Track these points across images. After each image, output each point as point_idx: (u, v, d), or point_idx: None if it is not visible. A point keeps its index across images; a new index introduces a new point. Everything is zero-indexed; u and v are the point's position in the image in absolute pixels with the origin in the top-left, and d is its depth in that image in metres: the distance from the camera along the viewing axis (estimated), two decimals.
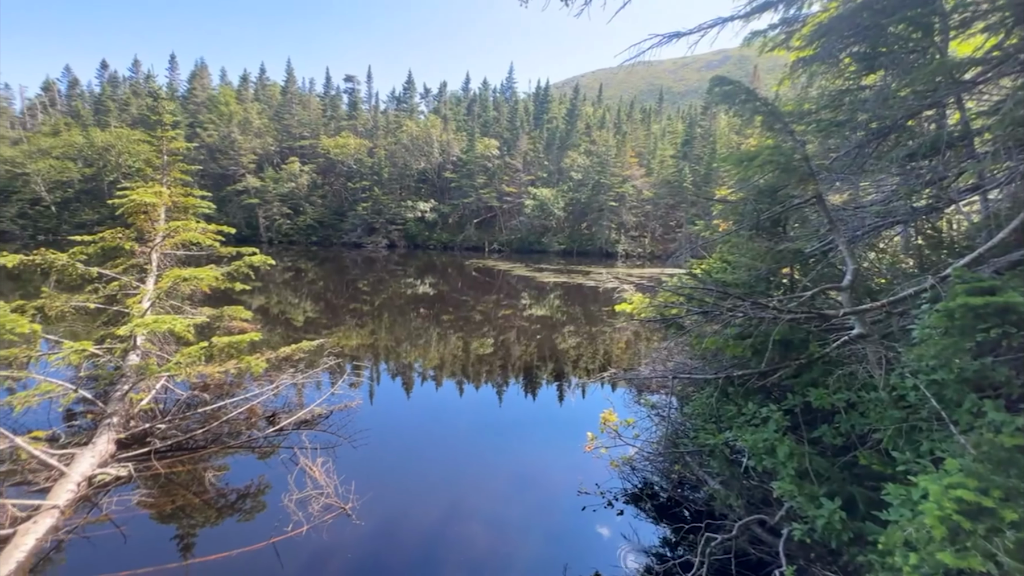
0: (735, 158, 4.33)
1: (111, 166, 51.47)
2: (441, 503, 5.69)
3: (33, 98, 73.48)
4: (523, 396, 9.76)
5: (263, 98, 67.67)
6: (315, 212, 55.67)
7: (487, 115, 67.55)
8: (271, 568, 4.39)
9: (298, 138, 60.80)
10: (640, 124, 64.34)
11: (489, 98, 74.89)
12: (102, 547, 4.72)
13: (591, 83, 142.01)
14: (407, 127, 59.82)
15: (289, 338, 12.95)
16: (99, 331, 8.11)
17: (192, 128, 56.36)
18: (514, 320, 17.39)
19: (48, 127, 60.24)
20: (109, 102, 64.92)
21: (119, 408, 6.44)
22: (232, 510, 5.46)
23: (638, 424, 6.31)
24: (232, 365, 6.97)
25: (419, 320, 17.40)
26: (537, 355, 12.82)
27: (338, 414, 7.83)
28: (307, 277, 29.24)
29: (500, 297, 23.30)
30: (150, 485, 5.69)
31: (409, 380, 10.62)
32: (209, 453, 6.48)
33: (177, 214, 9.82)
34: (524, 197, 53.69)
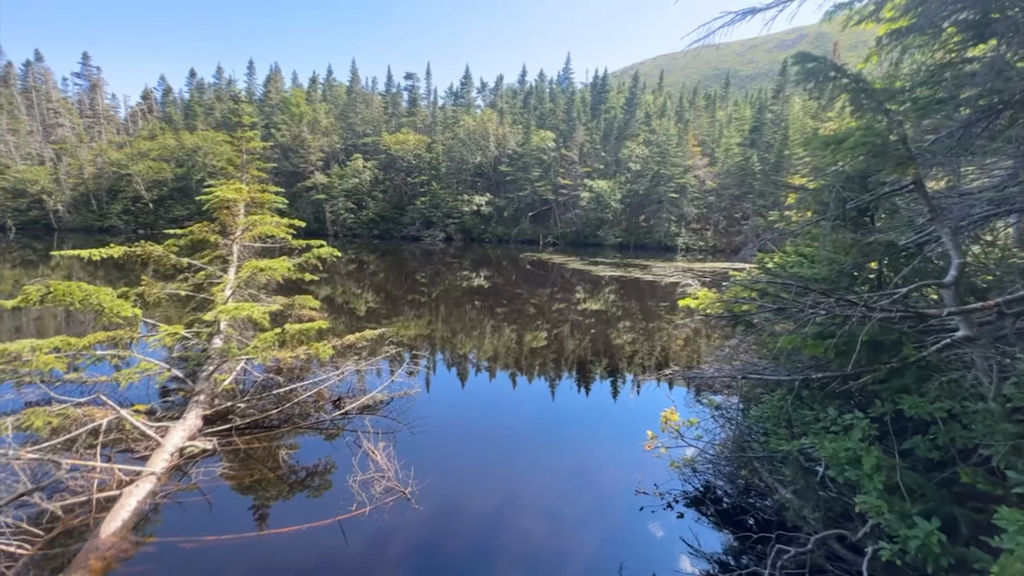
0: (819, 141, 3.96)
1: (198, 166, 56.30)
2: (497, 493, 5.75)
3: (134, 106, 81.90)
4: (576, 391, 9.64)
5: (330, 98, 71.16)
6: (377, 206, 57.96)
7: (543, 107, 67.08)
8: (337, 544, 4.62)
9: (361, 135, 63.41)
10: (704, 111, 61.26)
11: (545, 90, 74.26)
12: (191, 512, 5.17)
13: (651, 70, 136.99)
14: (464, 122, 60.65)
15: (352, 327, 13.57)
16: (188, 316, 8.89)
17: (267, 129, 60.34)
18: (568, 314, 17.22)
19: (146, 132, 66.80)
20: (196, 107, 70.99)
21: (205, 387, 7.04)
22: (302, 486, 5.80)
23: (701, 425, 6.02)
24: (302, 351, 7.40)
25: (474, 312, 17.66)
26: (591, 350, 12.62)
27: (398, 401, 8.11)
28: (369, 269, 30.54)
29: (554, 290, 23.15)
30: (231, 459, 6.17)
31: (464, 370, 10.80)
32: (282, 432, 6.93)
33: (255, 209, 10.53)
34: (580, 189, 52.90)
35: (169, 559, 4.39)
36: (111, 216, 55.97)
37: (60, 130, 66.51)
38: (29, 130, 62.61)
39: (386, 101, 71.12)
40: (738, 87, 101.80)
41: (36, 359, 5.79)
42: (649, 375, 10.44)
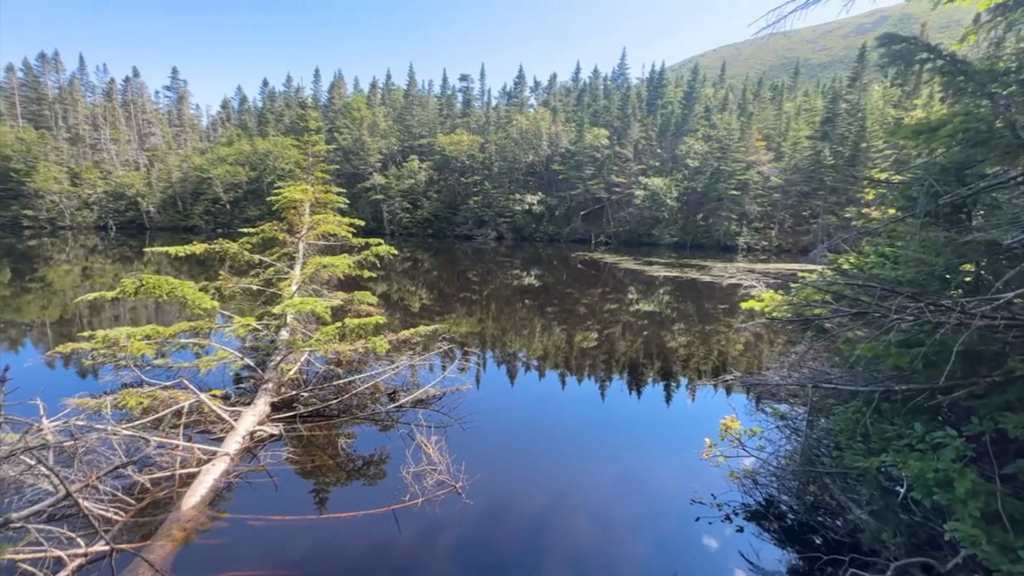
0: (908, 131, 3.60)
1: (269, 169, 60.22)
2: (546, 493, 5.71)
3: (215, 115, 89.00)
4: (627, 394, 9.40)
5: (388, 102, 73.80)
6: (431, 206, 59.47)
7: (597, 104, 66.03)
8: (391, 533, 4.77)
9: (417, 137, 65.27)
10: (769, 103, 57.84)
11: (599, 87, 73.09)
12: (259, 492, 5.53)
13: (712, 62, 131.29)
14: (517, 121, 60.89)
15: (406, 323, 13.99)
16: (259, 309, 9.53)
17: (330, 133, 63.51)
18: (620, 315, 16.85)
19: (224, 138, 72.33)
20: (268, 114, 75.98)
21: (273, 376, 7.51)
22: (358, 475, 6.04)
23: (763, 434, 5.67)
24: (360, 344, 7.71)
25: (524, 311, 17.69)
26: (643, 352, 12.27)
27: (450, 396, 8.27)
28: (423, 267, 31.38)
29: (606, 291, 22.74)
30: (295, 444, 6.54)
31: (513, 369, 10.83)
32: (341, 421, 7.26)
33: (319, 209, 11.10)
34: (634, 187, 51.61)
35: (240, 534, 4.71)
36: (194, 216, 61.15)
37: (152, 139, 73.47)
38: (127, 139, 69.64)
39: (441, 103, 72.78)
40: (809, 76, 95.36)
41: (131, 345, 6.42)
42: (706, 380, 10.00)
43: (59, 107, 69.06)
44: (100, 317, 15.32)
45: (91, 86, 76.72)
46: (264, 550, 4.53)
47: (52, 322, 14.81)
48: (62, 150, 63.58)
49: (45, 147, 61.91)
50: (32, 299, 18.45)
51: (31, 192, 59.05)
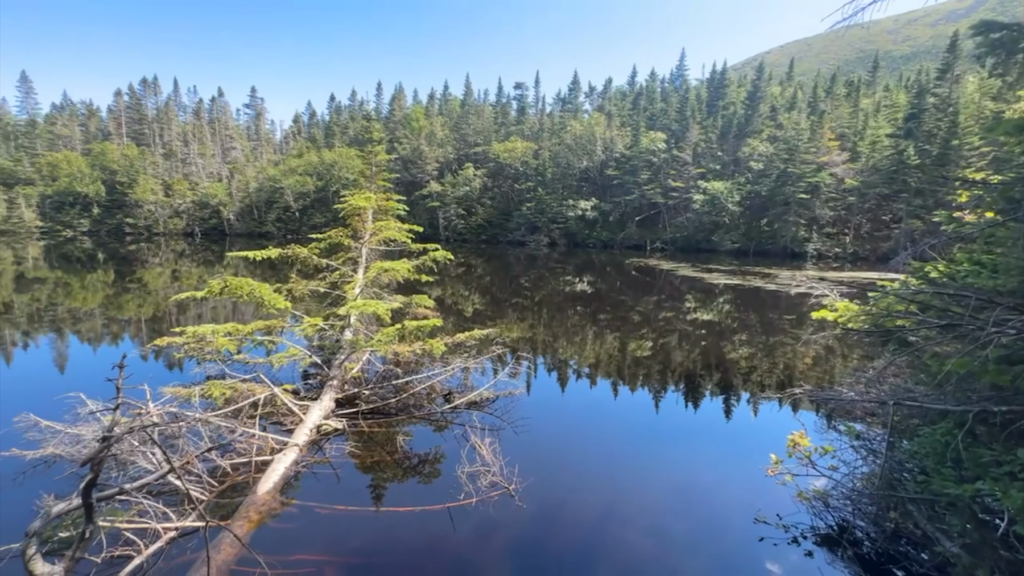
0: (1010, 126, 3.27)
1: (334, 178, 63.80)
2: (599, 501, 5.64)
3: (287, 129, 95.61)
4: (684, 405, 9.07)
5: (445, 111, 76.04)
6: (485, 212, 60.50)
7: (654, 107, 64.59)
8: (445, 530, 4.90)
9: (473, 145, 66.71)
10: (844, 100, 53.97)
11: (656, 89, 71.48)
12: (323, 482, 5.85)
13: (778, 59, 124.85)
14: (571, 127, 60.76)
15: (459, 326, 14.29)
16: (325, 310, 10.11)
17: (391, 143, 66.29)
18: (676, 323, 16.30)
19: (295, 151, 77.46)
20: (334, 127, 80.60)
21: (337, 373, 7.94)
22: (414, 472, 6.24)
23: (837, 454, 5.29)
24: (418, 346, 7.99)
25: (576, 317, 17.54)
26: (701, 363, 11.80)
27: (503, 399, 8.37)
28: (476, 272, 31.93)
29: (661, 298, 22.08)
30: (356, 439, 6.87)
31: (564, 375, 10.77)
32: (399, 420, 7.55)
33: (380, 216, 11.63)
34: (693, 192, 49.89)
35: (307, 520, 5.02)
36: (267, 223, 65.89)
37: (233, 152, 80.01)
38: (212, 153, 76.32)
39: (496, 111, 74.01)
40: (889, 70, 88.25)
41: (216, 340, 7.04)
42: (770, 394, 9.46)
43: (156, 126, 76.90)
44: (186, 315, 16.84)
45: (183, 106, 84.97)
46: (328, 537, 4.80)
47: (146, 319, 16.46)
48: (158, 164, 70.74)
49: (144, 162, 69.18)
50: (131, 298, 20.62)
51: (132, 202, 66.10)
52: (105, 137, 76.50)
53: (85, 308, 17.91)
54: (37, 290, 22.35)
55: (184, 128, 77.15)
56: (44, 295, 20.87)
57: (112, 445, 2.90)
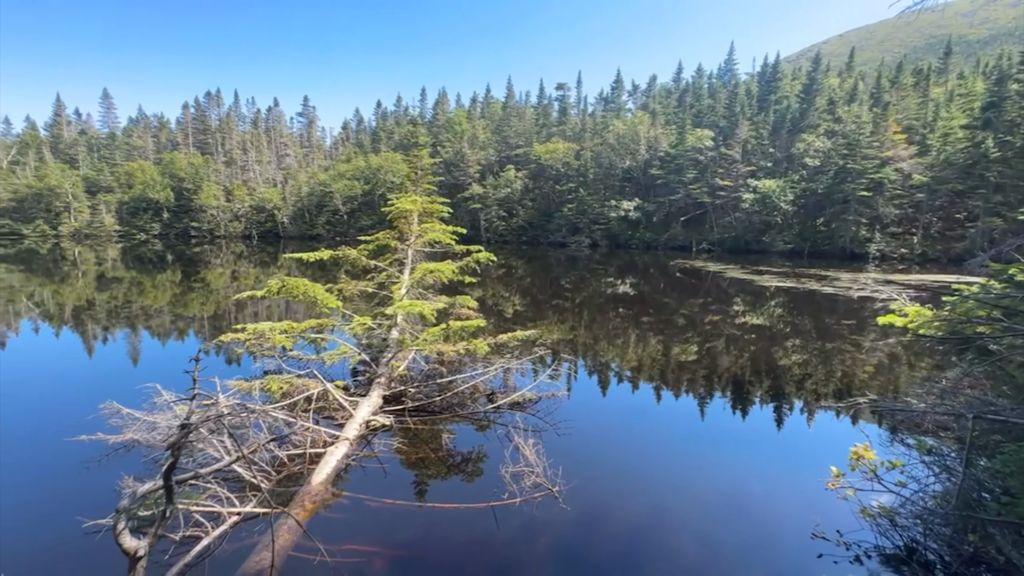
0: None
1: (381, 182, 65.85)
2: (646, 505, 5.53)
3: (336, 135, 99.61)
4: (731, 412, 8.74)
5: (487, 114, 76.86)
6: (526, 214, 60.64)
7: (700, 104, 62.65)
8: (489, 528, 4.95)
9: (514, 147, 67.05)
10: (912, 90, 50.30)
11: (703, 86, 69.30)
12: (371, 476, 6.05)
13: (836, 49, 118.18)
14: (614, 126, 59.92)
15: (500, 327, 14.38)
16: (373, 310, 10.46)
17: (434, 147, 67.73)
18: (723, 327, 15.72)
19: (344, 156, 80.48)
20: (381, 132, 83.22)
21: (384, 371, 8.20)
22: (458, 469, 6.35)
23: (906, 469, 4.93)
24: (462, 346, 8.13)
25: (618, 320, 17.27)
26: (750, 368, 11.32)
27: (545, 401, 8.36)
28: (516, 274, 32.04)
29: (707, 301, 21.37)
30: (402, 436, 7.06)
31: (605, 378, 10.63)
32: (443, 418, 7.70)
33: (425, 218, 11.91)
34: (742, 190, 47.99)
35: (357, 512, 5.21)
36: (318, 226, 68.88)
37: (287, 159, 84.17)
38: (268, 160, 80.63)
39: (537, 112, 74.05)
40: (964, 56, 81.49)
41: (273, 337, 7.44)
42: (827, 403, 8.95)
43: (219, 135, 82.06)
44: (243, 313, 17.86)
45: (243, 116, 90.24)
46: (377, 529, 4.96)
47: (208, 316, 17.58)
48: (220, 171, 75.47)
49: (208, 170, 74.02)
50: (195, 296, 22.10)
51: (197, 207, 70.85)
52: (174, 147, 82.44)
53: (156, 305, 19.36)
54: (115, 288, 24.39)
55: (243, 137, 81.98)
56: (121, 293, 22.74)
57: (191, 432, 3.14)
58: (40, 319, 16.71)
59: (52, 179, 70.61)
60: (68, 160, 78.70)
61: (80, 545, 4.63)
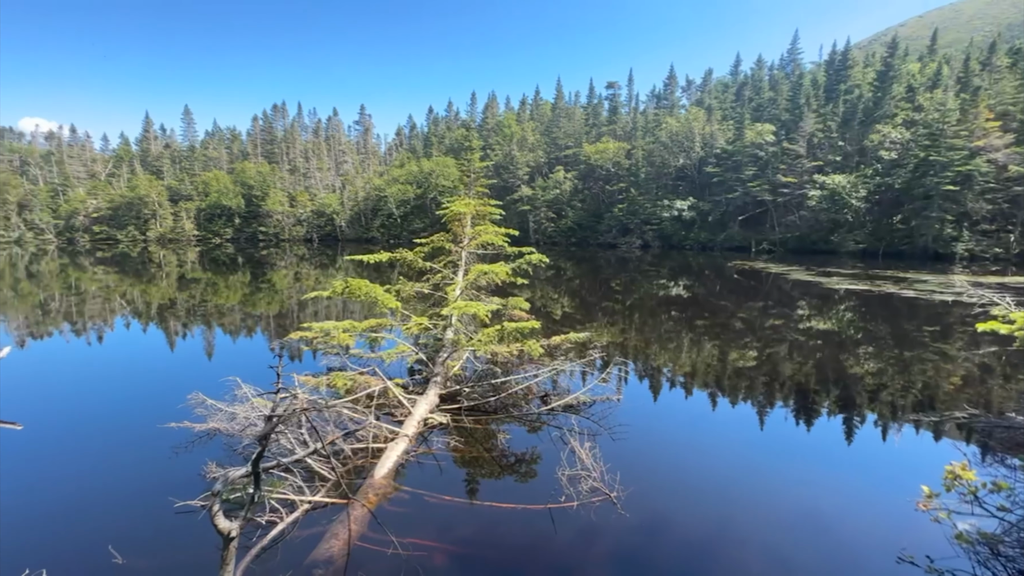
0: None
1: (432, 186, 67.59)
2: (709, 517, 5.32)
3: (390, 141, 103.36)
4: (795, 421, 8.23)
5: (536, 116, 76.99)
6: (575, 215, 60.17)
7: (760, 97, 59.72)
8: (547, 530, 4.95)
9: (563, 148, 66.74)
10: (1008, 72, 45.33)
11: (763, 78, 66.02)
12: (427, 472, 6.21)
13: (916, 31, 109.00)
14: (666, 124, 58.25)
15: (548, 329, 14.32)
16: (429, 310, 10.74)
17: (484, 150, 68.66)
18: (785, 332, 14.86)
19: (398, 161, 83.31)
20: (432, 137, 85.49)
21: (441, 370, 8.40)
22: (511, 470, 6.39)
23: (1013, 492, 4.44)
24: (515, 347, 8.18)
25: (670, 323, 16.75)
26: (816, 376, 10.63)
27: (599, 404, 8.25)
28: (565, 275, 31.83)
29: (768, 304, 20.28)
30: (458, 434, 7.20)
31: (658, 383, 10.33)
32: (497, 418, 7.78)
33: (478, 221, 12.09)
34: (807, 187, 45.22)
35: (417, 506, 5.37)
36: (373, 229, 71.71)
37: (345, 165, 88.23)
38: (327, 167, 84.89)
39: (587, 112, 73.34)
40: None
41: (338, 335, 7.82)
42: (914, 416, 8.23)
43: (284, 145, 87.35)
44: (304, 312, 18.87)
45: (305, 126, 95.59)
46: (437, 525, 5.09)
47: (273, 315, 18.72)
48: (284, 179, 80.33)
49: (274, 177, 79.00)
50: (262, 296, 23.61)
51: (264, 213, 75.78)
52: (244, 157, 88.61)
53: (228, 304, 20.87)
54: (193, 288, 26.53)
55: (305, 146, 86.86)
56: (198, 292, 24.71)
57: (278, 425, 3.37)
58: (131, 316, 18.47)
59: (141, 189, 77.97)
60: (155, 172, 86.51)
61: (172, 522, 5.07)
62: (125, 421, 8.19)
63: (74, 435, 7.66)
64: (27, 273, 35.79)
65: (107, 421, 8.25)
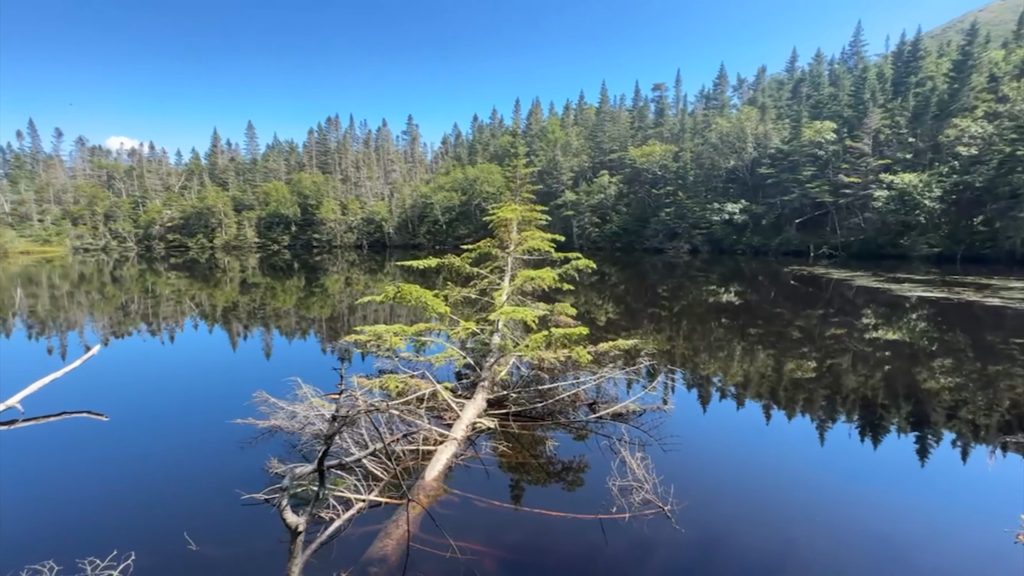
0: None
1: (476, 192, 68.67)
2: (772, 539, 5.05)
3: (436, 150, 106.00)
4: (861, 438, 7.67)
5: (580, 121, 76.66)
6: (620, 220, 59.26)
7: (820, 94, 56.71)
8: (597, 541, 4.86)
9: (608, 152, 66.00)
10: None
11: (822, 73, 62.67)
12: (475, 476, 6.25)
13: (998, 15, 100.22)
14: (716, 124, 56.39)
15: (592, 336, 14.12)
16: (475, 315, 10.88)
17: (528, 156, 69.09)
18: (849, 342, 13.92)
19: (443, 169, 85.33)
20: (477, 145, 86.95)
21: (488, 375, 8.47)
22: (558, 478, 6.33)
23: None
24: (562, 353, 8.13)
25: (720, 331, 16.10)
26: (885, 390, 9.87)
27: (649, 414, 8.05)
28: (610, 281, 31.35)
29: (829, 312, 19.10)
30: (504, 439, 7.22)
31: (707, 393, 9.93)
32: (544, 424, 7.74)
33: (524, 226, 12.15)
34: (873, 187, 42.42)
35: (467, 509, 5.42)
36: (419, 235, 73.66)
37: (393, 174, 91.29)
38: (377, 176, 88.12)
39: (632, 115, 72.23)
40: None
41: (390, 339, 8.07)
42: (991, 437, 7.49)
43: (336, 156, 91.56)
44: (354, 316, 19.58)
45: (356, 137, 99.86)
46: (487, 529, 5.12)
47: (326, 318, 19.54)
48: (337, 188, 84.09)
49: (327, 187, 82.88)
50: (316, 300, 24.74)
51: (318, 221, 79.59)
52: (301, 168, 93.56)
53: (284, 307, 22.01)
54: (253, 292, 28.19)
55: (356, 156, 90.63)
56: (258, 296, 26.23)
57: (344, 426, 3.53)
58: (199, 317, 19.85)
59: (209, 200, 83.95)
60: (221, 183, 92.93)
61: (238, 513, 5.38)
62: (196, 416, 8.81)
63: (152, 427, 8.31)
64: (111, 278, 39.30)
65: (180, 415, 8.90)
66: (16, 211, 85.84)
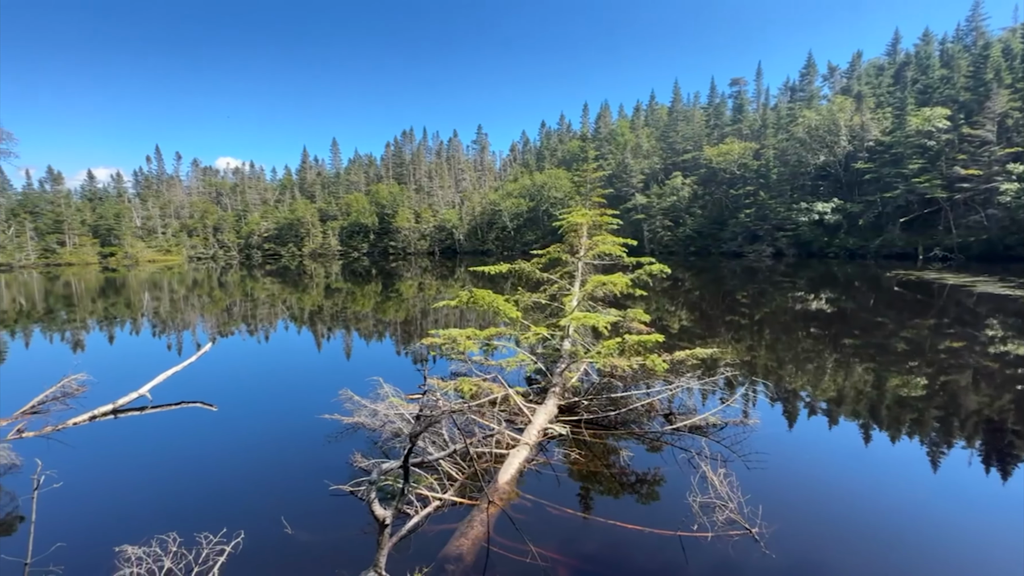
0: None
1: (544, 198, 68.95)
2: (878, 569, 4.54)
3: (504, 157, 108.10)
4: (983, 466, 6.65)
5: (651, 122, 74.47)
6: (694, 223, 56.64)
7: (928, 77, 50.64)
8: (677, 560, 4.64)
9: (681, 153, 63.46)
10: None
11: (932, 54, 55.89)
12: (546, 482, 6.22)
13: None
14: (804, 117, 52.21)
15: (665, 343, 13.53)
16: (546, 320, 10.88)
17: (597, 160, 68.27)
18: (968, 356, 12.19)
19: (511, 176, 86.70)
20: (545, 151, 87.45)
21: (559, 381, 8.42)
22: (633, 490, 6.12)
23: None
24: (636, 361, 7.88)
25: (809, 341, 14.78)
26: (1016, 412, 8.50)
27: (731, 428, 7.57)
28: (684, 286, 30.01)
29: (942, 322, 16.90)
30: (576, 446, 7.12)
31: (794, 408, 9.12)
32: (616, 434, 7.54)
33: (595, 231, 11.99)
34: (998, 180, 37.08)
35: (539, 516, 5.40)
36: (488, 241, 75.28)
37: (463, 183, 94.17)
38: (448, 185, 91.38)
39: (707, 113, 68.96)
40: None
41: (463, 342, 8.30)
42: None
43: (411, 167, 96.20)
44: (426, 320, 20.32)
45: (429, 149, 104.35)
46: (561, 537, 5.06)
47: (400, 321, 20.47)
48: (411, 198, 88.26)
49: (403, 196, 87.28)
50: (391, 304, 26.02)
51: (394, 229, 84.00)
52: (378, 179, 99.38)
53: (363, 311, 23.38)
54: (336, 296, 30.26)
55: (429, 167, 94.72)
56: (340, 300, 28.10)
57: (428, 426, 3.69)
58: (290, 319, 21.64)
59: (299, 212, 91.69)
60: (309, 196, 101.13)
61: (326, 503, 5.77)
62: (288, 409, 9.60)
63: (252, 418, 9.19)
64: (218, 283, 44.12)
65: (275, 408, 9.75)
66: (145, 225, 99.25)
